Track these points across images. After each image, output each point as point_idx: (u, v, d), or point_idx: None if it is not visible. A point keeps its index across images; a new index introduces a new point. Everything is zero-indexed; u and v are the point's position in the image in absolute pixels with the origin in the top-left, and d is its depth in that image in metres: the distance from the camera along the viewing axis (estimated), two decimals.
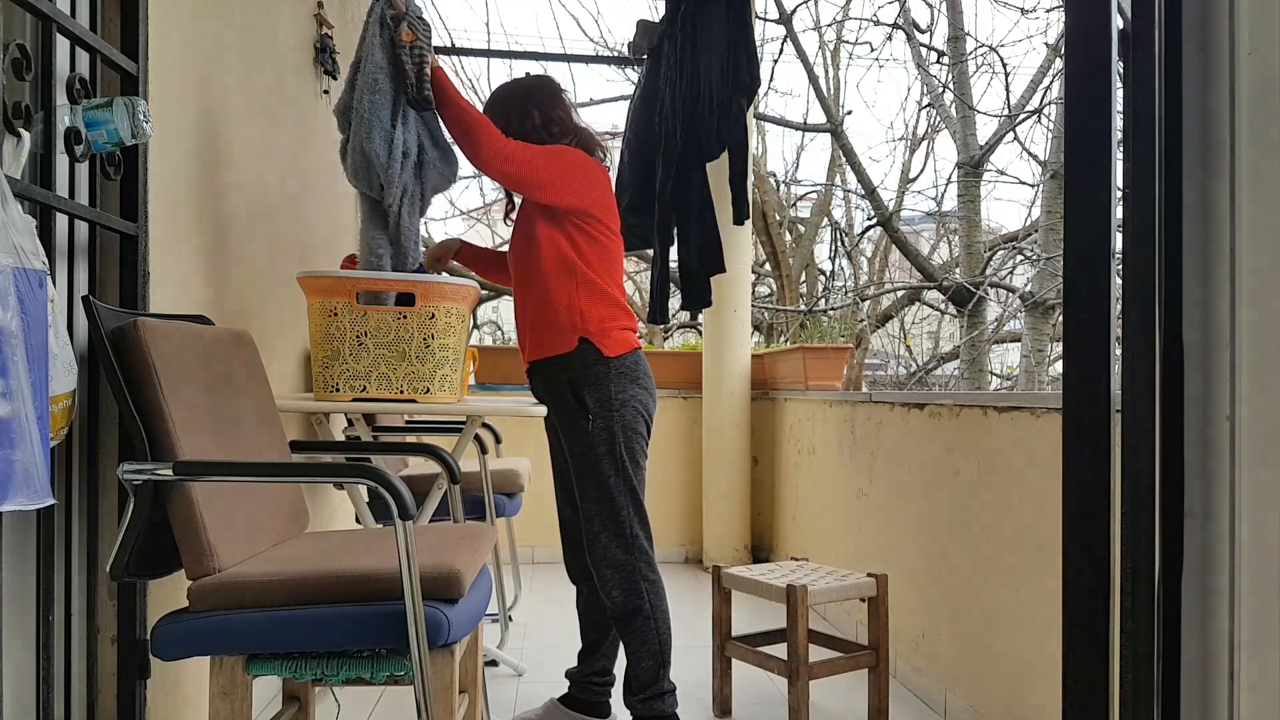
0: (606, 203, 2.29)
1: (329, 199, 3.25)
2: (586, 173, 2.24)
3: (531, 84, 2.37)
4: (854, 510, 3.33)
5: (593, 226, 2.25)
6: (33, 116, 1.47)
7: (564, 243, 2.23)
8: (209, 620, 1.47)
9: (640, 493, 2.24)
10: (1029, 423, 2.16)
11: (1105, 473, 1.09)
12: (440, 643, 1.49)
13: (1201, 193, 1.07)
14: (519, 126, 2.31)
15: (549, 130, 2.32)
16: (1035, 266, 7.26)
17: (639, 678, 2.22)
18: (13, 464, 1.13)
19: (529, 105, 2.32)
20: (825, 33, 8.79)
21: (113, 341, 1.52)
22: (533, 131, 2.31)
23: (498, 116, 2.33)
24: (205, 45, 2.09)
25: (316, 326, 2.19)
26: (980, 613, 2.36)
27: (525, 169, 2.16)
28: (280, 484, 1.86)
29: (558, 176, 2.19)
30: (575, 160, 2.24)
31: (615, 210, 2.33)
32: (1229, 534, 1.04)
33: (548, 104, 2.34)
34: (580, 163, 2.24)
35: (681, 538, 4.80)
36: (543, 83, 2.37)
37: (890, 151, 18.33)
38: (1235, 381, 1.04)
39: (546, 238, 2.24)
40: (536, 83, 2.37)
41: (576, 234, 2.24)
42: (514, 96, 2.34)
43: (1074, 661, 1.10)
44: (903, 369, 8.63)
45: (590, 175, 2.25)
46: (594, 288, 2.23)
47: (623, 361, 2.22)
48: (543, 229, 2.25)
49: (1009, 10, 13.50)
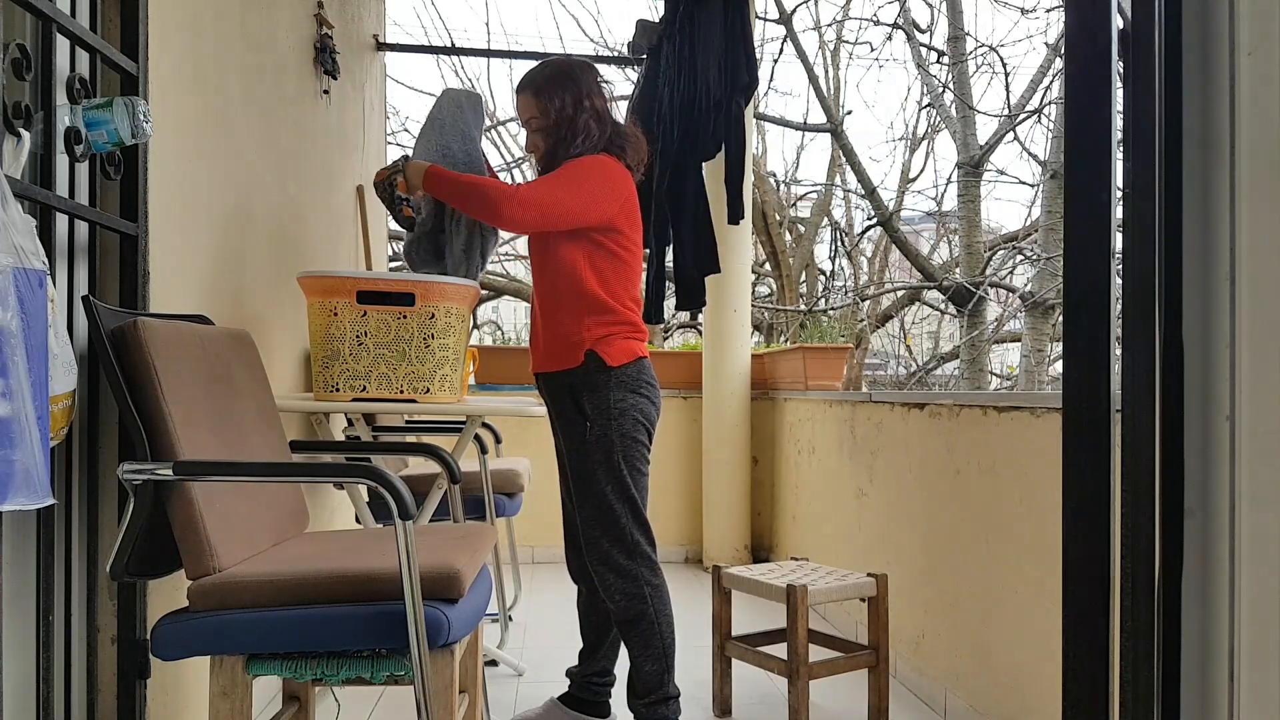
0: (629, 213, 2.24)
1: (329, 199, 3.25)
2: (605, 187, 2.18)
3: (583, 69, 2.29)
4: (854, 510, 3.33)
5: (613, 240, 2.21)
6: (33, 116, 1.47)
7: (581, 263, 2.19)
8: (209, 620, 1.47)
9: (640, 500, 2.22)
10: (1029, 423, 2.16)
11: (1105, 473, 1.09)
12: (440, 643, 1.49)
13: (1201, 193, 1.07)
14: (570, 113, 2.23)
15: (592, 125, 2.24)
16: (1035, 266, 7.26)
17: (644, 681, 2.22)
18: (13, 464, 1.13)
19: (582, 93, 2.24)
20: (825, 33, 8.80)
21: (113, 341, 1.52)
22: (580, 123, 2.23)
23: (550, 98, 2.24)
24: (205, 45, 2.09)
25: (316, 326, 2.19)
26: (980, 613, 2.36)
27: (541, 213, 2.11)
28: (280, 484, 1.85)
29: (572, 208, 2.13)
30: (591, 177, 2.17)
31: (637, 219, 2.27)
32: (1229, 534, 1.04)
33: (598, 93, 2.27)
34: (598, 177, 2.18)
35: (681, 538, 4.80)
36: (591, 69, 2.30)
37: (890, 151, 18.37)
38: (1235, 381, 1.04)
39: (563, 258, 2.20)
40: (586, 69, 2.29)
41: (595, 251, 2.20)
42: (569, 80, 2.25)
43: (1074, 661, 1.10)
44: (903, 369, 8.63)
45: (609, 188, 2.19)
46: (605, 307, 2.19)
47: (624, 371, 2.21)
48: (561, 249, 2.20)
49: (1009, 10, 13.50)
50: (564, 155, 2.23)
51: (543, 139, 2.27)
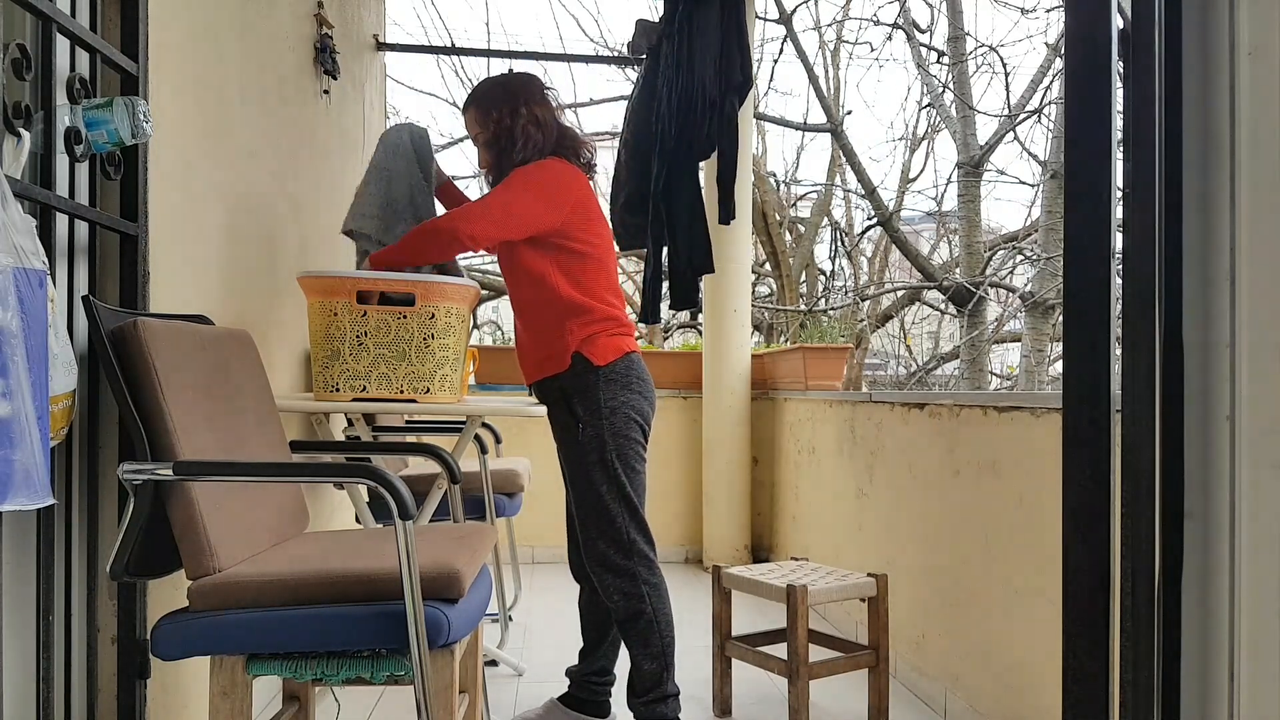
0: (586, 211, 2.24)
1: (329, 199, 3.25)
2: (554, 189, 2.19)
3: (520, 80, 2.33)
4: (854, 510, 3.33)
5: (573, 239, 2.21)
6: (33, 116, 1.47)
7: (550, 269, 2.21)
8: (209, 620, 1.47)
9: (637, 498, 2.22)
10: (1029, 423, 2.16)
11: (1105, 473, 1.09)
12: (440, 643, 1.49)
13: (1201, 193, 1.07)
14: (509, 122, 2.27)
15: (530, 131, 2.27)
16: (1035, 266, 7.26)
17: (642, 680, 2.22)
18: (13, 464, 1.13)
19: (518, 102, 2.29)
20: (825, 33, 8.80)
21: (113, 341, 1.52)
22: (519, 130, 2.27)
23: (488, 111, 2.29)
24: (205, 45, 2.09)
25: (316, 326, 2.19)
26: (980, 613, 2.36)
27: (496, 227, 2.14)
28: (280, 484, 1.85)
29: (523, 214, 2.15)
30: (538, 182, 2.19)
31: (596, 214, 2.27)
32: (1229, 534, 1.04)
33: (536, 101, 2.30)
34: (546, 180, 2.19)
35: (681, 538, 4.80)
36: (530, 80, 2.34)
37: (890, 151, 18.35)
38: (1235, 381, 1.04)
39: (531, 266, 2.22)
40: (524, 80, 2.34)
41: (559, 253, 2.21)
42: (504, 92, 2.30)
43: (1074, 661, 1.10)
44: (903, 369, 8.63)
45: (558, 188, 2.19)
46: (583, 308, 2.20)
47: (613, 369, 2.21)
48: (525, 257, 2.22)
49: (1009, 10, 13.50)
50: (508, 164, 2.27)
51: (487, 151, 2.32)
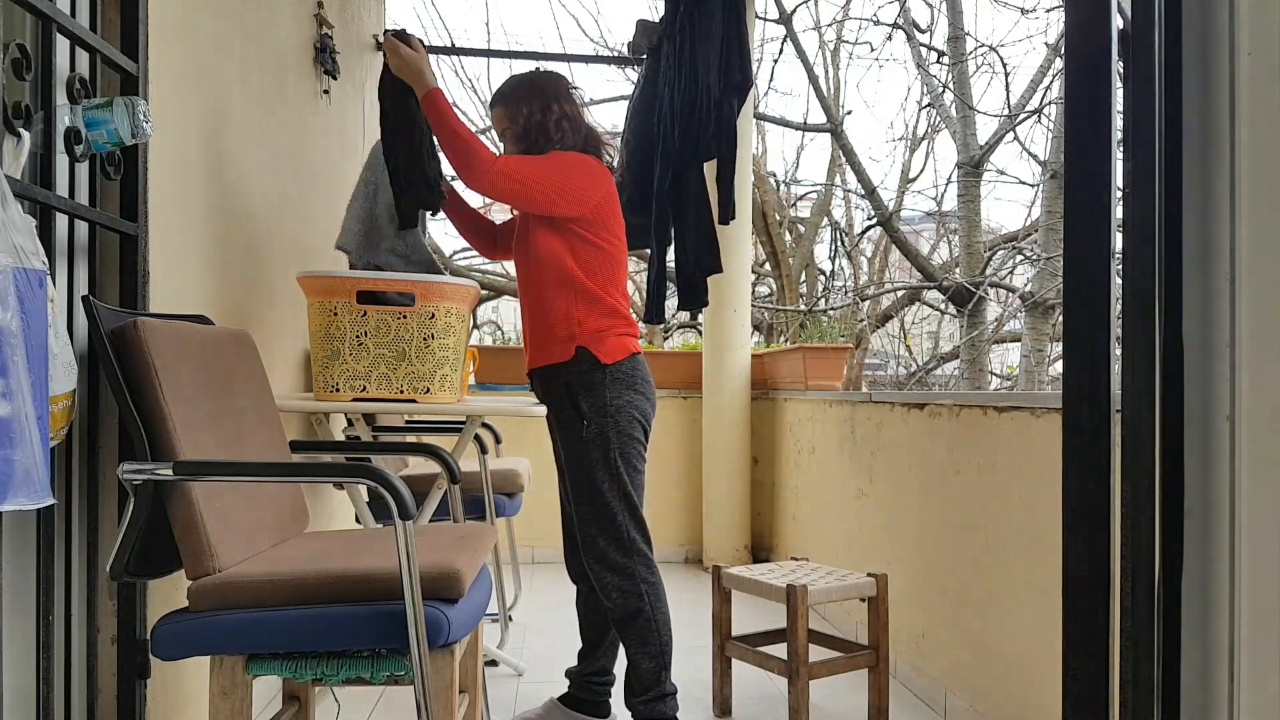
0: (609, 207, 2.26)
1: (329, 199, 3.25)
2: (587, 178, 2.21)
3: (550, 78, 2.35)
4: (854, 510, 3.33)
5: (594, 233, 2.23)
6: (33, 116, 1.47)
7: (563, 251, 2.21)
8: (209, 620, 1.47)
9: (636, 497, 2.23)
10: (1029, 423, 2.16)
11: (1105, 473, 1.09)
12: (440, 643, 1.49)
13: (1201, 193, 1.07)
14: (540, 118, 2.27)
15: (564, 126, 2.28)
16: (1035, 266, 7.26)
17: (640, 679, 2.22)
18: (13, 464, 1.13)
19: (549, 99, 2.29)
20: (825, 33, 8.80)
21: (113, 341, 1.52)
22: (551, 125, 2.27)
23: (518, 106, 2.29)
24: (205, 45, 2.09)
25: (316, 326, 2.19)
26: (980, 613, 2.36)
27: (522, 186, 2.13)
28: (280, 484, 1.85)
29: (554, 189, 2.16)
30: (575, 167, 2.20)
31: (618, 214, 2.30)
32: (1229, 534, 1.04)
33: (565, 98, 2.31)
34: (581, 168, 2.21)
35: (681, 538, 4.80)
36: (559, 78, 2.36)
37: (890, 151, 18.36)
38: (1235, 381, 1.04)
39: (545, 247, 2.22)
40: (554, 78, 2.35)
41: (577, 242, 2.22)
42: (534, 89, 2.30)
43: (1074, 661, 1.10)
44: (903, 369, 8.63)
45: (591, 180, 2.22)
46: (592, 296, 2.21)
47: (619, 368, 2.22)
48: (542, 238, 2.23)
49: (1009, 10, 13.50)
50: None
51: (515, 145, 2.31)
